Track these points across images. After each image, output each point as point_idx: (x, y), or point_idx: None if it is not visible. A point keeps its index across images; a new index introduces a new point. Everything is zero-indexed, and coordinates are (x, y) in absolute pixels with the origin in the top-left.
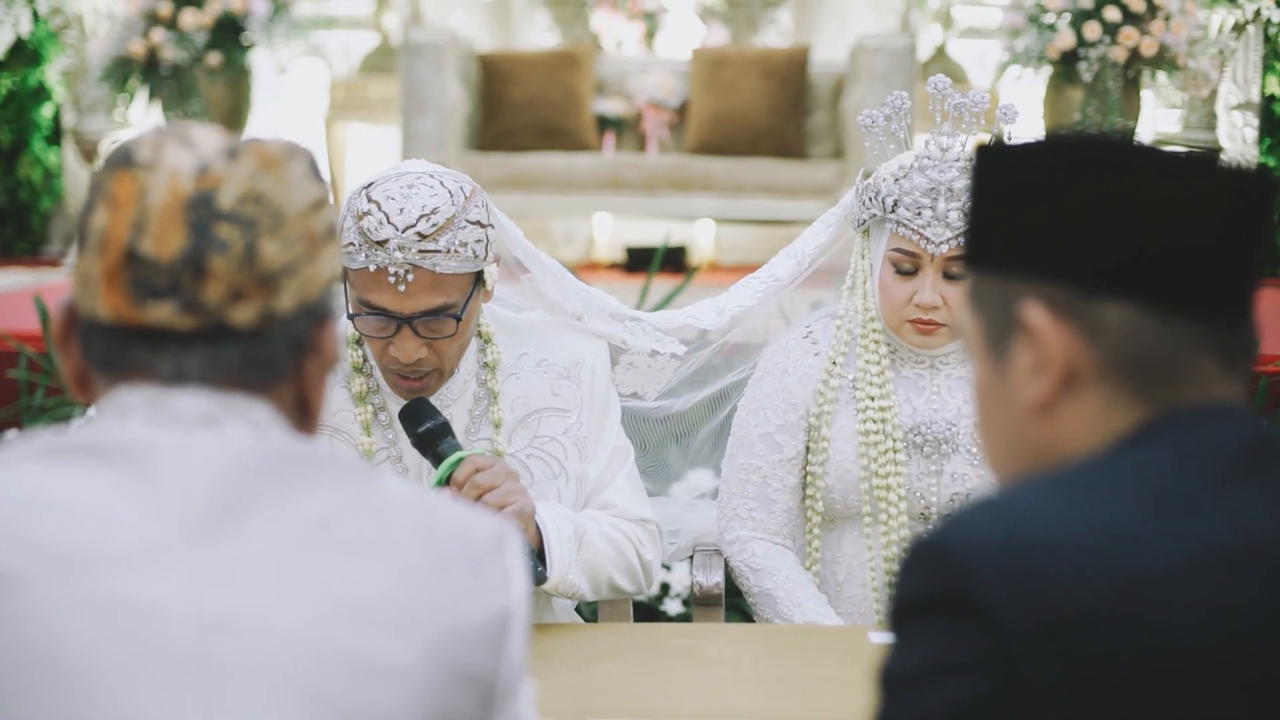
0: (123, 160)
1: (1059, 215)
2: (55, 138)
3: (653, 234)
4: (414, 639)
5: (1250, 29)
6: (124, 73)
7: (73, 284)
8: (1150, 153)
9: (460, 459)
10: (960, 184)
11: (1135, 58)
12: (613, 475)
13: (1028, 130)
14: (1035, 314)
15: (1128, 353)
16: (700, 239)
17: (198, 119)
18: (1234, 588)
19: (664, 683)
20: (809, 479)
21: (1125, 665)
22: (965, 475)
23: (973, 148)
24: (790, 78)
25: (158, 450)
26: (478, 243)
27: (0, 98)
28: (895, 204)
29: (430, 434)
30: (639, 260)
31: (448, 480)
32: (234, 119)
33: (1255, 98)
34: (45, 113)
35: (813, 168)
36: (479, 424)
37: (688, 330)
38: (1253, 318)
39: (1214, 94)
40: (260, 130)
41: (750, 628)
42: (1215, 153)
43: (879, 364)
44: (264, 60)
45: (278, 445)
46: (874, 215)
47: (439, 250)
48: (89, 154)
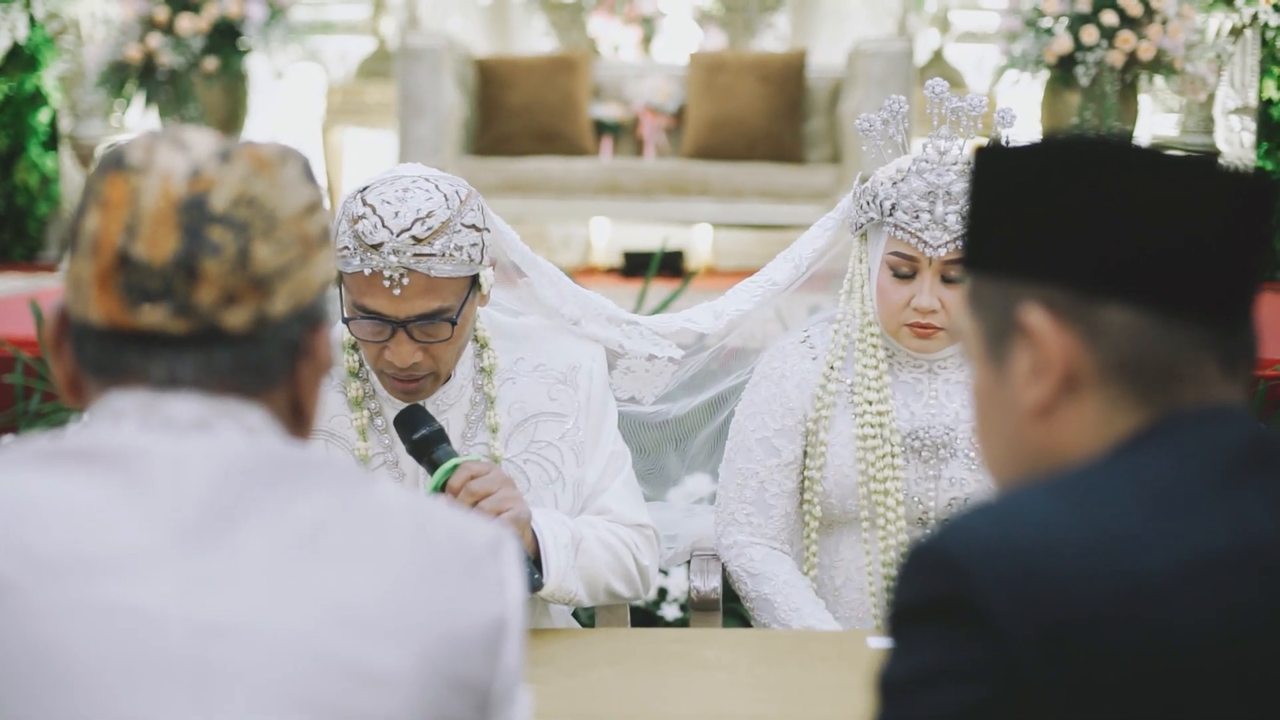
0: (115, 163)
1: (1059, 217)
2: (52, 143)
3: (650, 239)
4: (408, 645)
5: (1248, 33)
6: (121, 78)
7: (65, 288)
8: (1150, 154)
9: (455, 465)
10: (958, 187)
11: (1133, 62)
12: (610, 480)
13: (1025, 134)
14: (1035, 316)
15: (1128, 356)
16: (698, 243)
17: (194, 124)
18: (1234, 590)
19: (661, 688)
20: (807, 484)
21: (1126, 668)
22: (963, 480)
23: (971, 150)
24: (787, 82)
25: (151, 455)
26: (473, 246)
27: None
28: (893, 207)
29: (425, 441)
30: (636, 265)
31: (443, 487)
32: (231, 124)
33: (1253, 102)
34: (42, 118)
35: (810, 172)
36: (475, 429)
37: (685, 334)
38: (1254, 321)
39: (1211, 98)
40: (257, 135)
41: (747, 633)
42: (1215, 155)
43: (877, 368)
44: (261, 65)
45: (271, 450)
46: (871, 219)
47: (434, 254)
48: (86, 159)
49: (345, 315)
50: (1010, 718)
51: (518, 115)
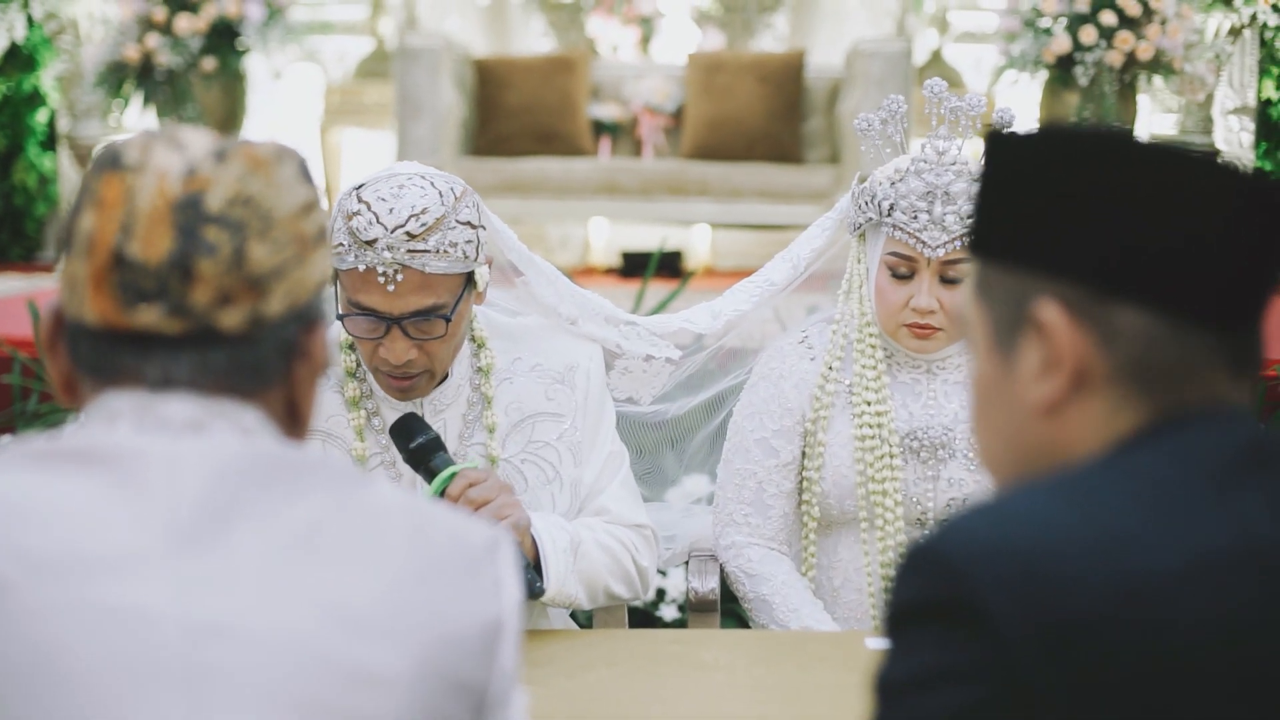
0: (110, 162)
1: (1081, 213)
2: (50, 143)
3: (649, 239)
4: (405, 646)
5: (1246, 33)
6: (119, 78)
7: (60, 287)
8: (1175, 154)
9: (454, 474)
10: (957, 188)
11: (1131, 62)
12: (607, 481)
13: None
14: (1051, 313)
15: (1139, 358)
16: (696, 244)
17: (193, 124)
18: (1234, 590)
19: (659, 689)
20: (805, 484)
21: (1125, 669)
22: (962, 480)
23: (984, 135)
24: (786, 82)
25: (146, 456)
26: (468, 243)
27: None
28: (891, 208)
29: (422, 449)
30: (635, 265)
31: (441, 495)
32: (229, 124)
33: (1251, 102)
34: (40, 118)
35: (809, 172)
36: (473, 429)
37: (683, 335)
38: (1262, 327)
39: (1210, 98)
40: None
41: (745, 634)
42: (1240, 164)
43: (875, 369)
44: (259, 65)
45: (267, 451)
46: (870, 219)
47: (428, 250)
48: (84, 159)
49: (340, 312)
50: (1009, 719)
51: (516, 115)
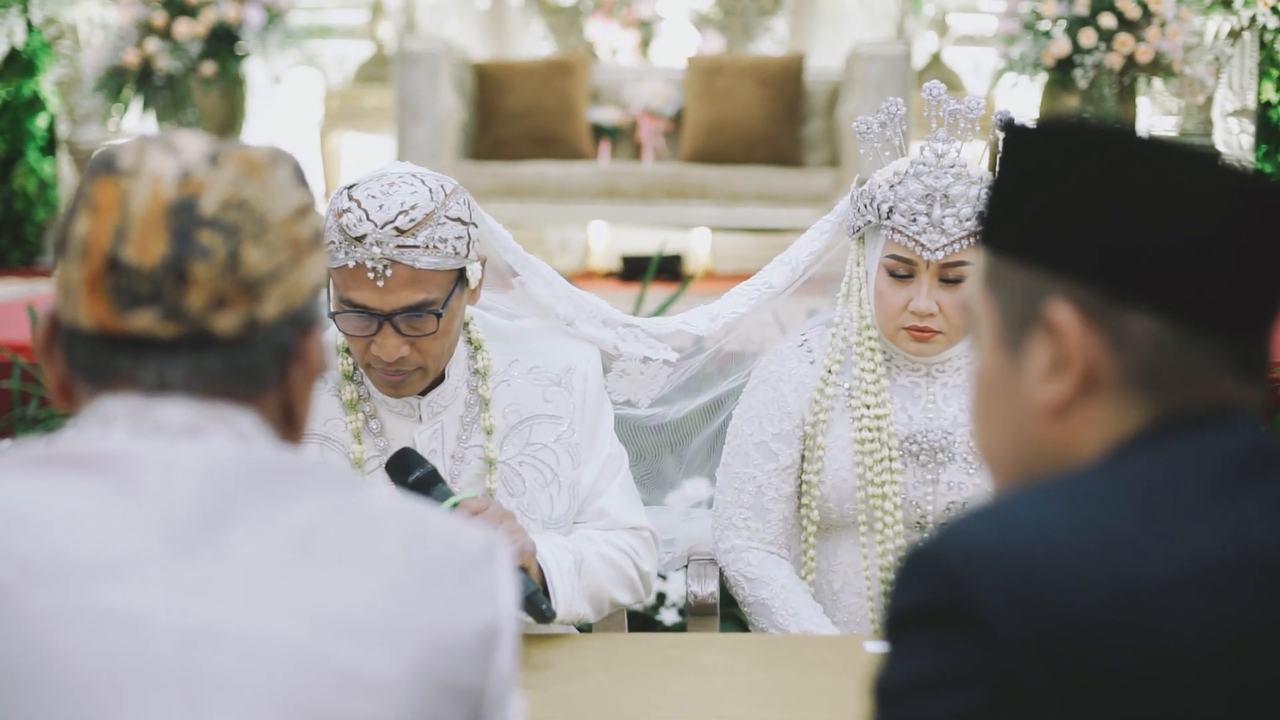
0: (105, 167)
1: (1099, 215)
2: (50, 148)
3: (648, 243)
4: (400, 650)
5: (1246, 35)
6: (118, 83)
7: (55, 292)
8: (1197, 159)
9: (454, 504)
10: (956, 190)
11: (1131, 64)
12: (606, 483)
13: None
14: (1064, 314)
15: (1149, 363)
16: (696, 247)
17: (192, 129)
18: (1233, 596)
19: (658, 693)
20: (804, 488)
21: (1123, 674)
22: (961, 484)
23: (1000, 129)
24: (785, 86)
25: (141, 460)
26: (458, 239)
27: None
28: (890, 210)
29: (420, 483)
30: (634, 269)
31: None
32: (228, 129)
33: (1251, 104)
34: (40, 123)
35: (808, 176)
36: (470, 431)
37: (681, 337)
38: (1271, 332)
39: (1210, 100)
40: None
41: (745, 637)
42: (1260, 171)
43: (874, 372)
44: (258, 70)
45: (263, 455)
46: (869, 222)
47: (417, 245)
48: (84, 164)
49: (331, 310)
50: None
51: (516, 119)
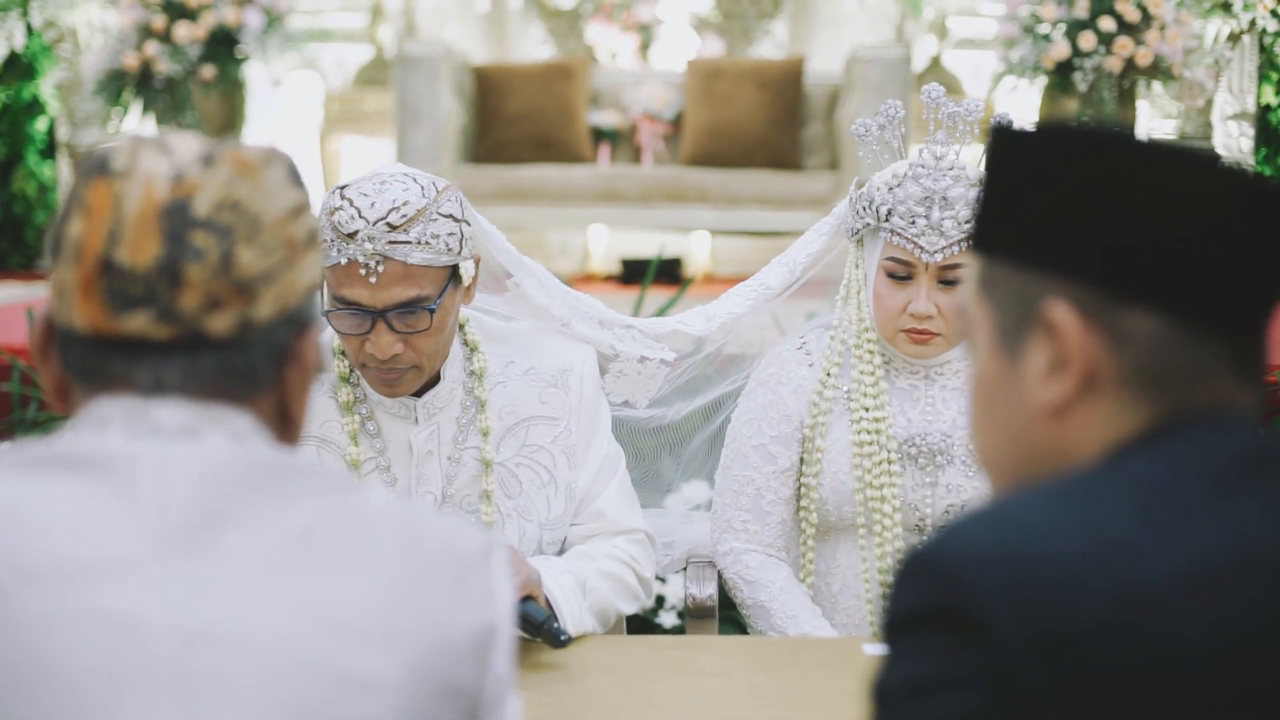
0: (98, 168)
1: (1095, 214)
2: (50, 151)
3: (648, 246)
4: (396, 652)
5: (1245, 39)
6: (118, 86)
7: (50, 294)
8: (1191, 158)
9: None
10: (954, 193)
11: (1130, 68)
12: (603, 484)
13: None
14: (1063, 314)
15: (1149, 362)
16: (696, 251)
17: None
18: (1233, 597)
19: (656, 695)
20: (803, 490)
21: (1123, 676)
22: (960, 487)
23: (988, 133)
24: (785, 89)
25: (138, 461)
26: (450, 235)
27: None
28: (889, 213)
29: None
30: (634, 272)
31: None
32: (228, 132)
33: (1251, 107)
34: (40, 126)
35: (808, 179)
36: (466, 432)
37: (678, 337)
38: (1267, 332)
39: (1209, 104)
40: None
41: (743, 640)
42: (1254, 170)
43: (873, 374)
44: (258, 73)
45: (259, 456)
46: (868, 224)
47: (409, 241)
48: None
49: (325, 308)
50: None
51: (515, 123)
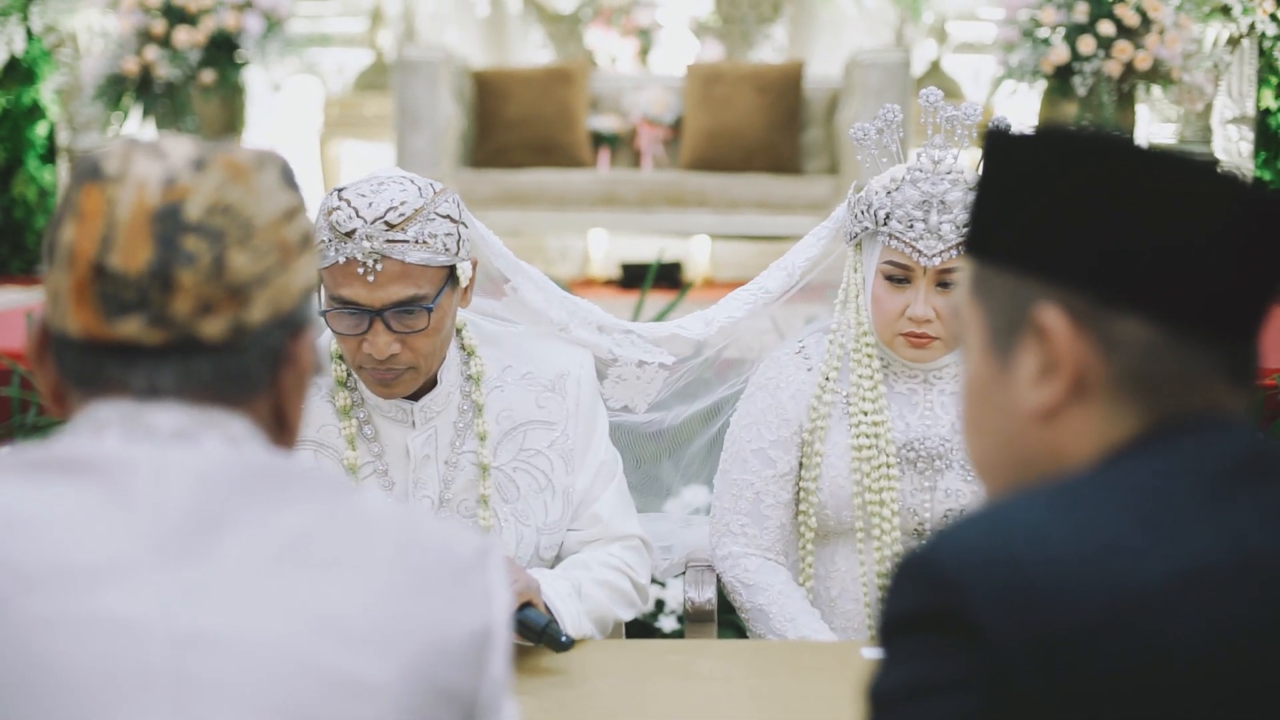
0: (90, 173)
1: (1086, 219)
2: (50, 156)
3: (648, 250)
4: (393, 655)
5: (1245, 43)
6: (118, 90)
7: (44, 300)
8: (1182, 163)
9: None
10: (952, 196)
11: (1130, 72)
12: (600, 489)
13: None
14: (1053, 319)
15: (1140, 368)
16: (696, 255)
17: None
18: (1229, 602)
19: (655, 699)
20: (802, 495)
21: (1118, 679)
22: (959, 491)
23: (982, 137)
24: (785, 93)
25: (134, 465)
26: (448, 235)
27: None
28: (887, 217)
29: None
30: (634, 277)
31: None
32: (228, 136)
33: (1250, 111)
34: (40, 131)
35: (808, 183)
36: (464, 436)
37: (681, 344)
38: (1260, 337)
39: (1209, 108)
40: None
41: (742, 644)
42: (1243, 174)
43: (872, 379)
44: (258, 78)
45: (255, 460)
46: (866, 228)
47: (407, 240)
48: None
49: (322, 308)
50: None
51: (515, 127)
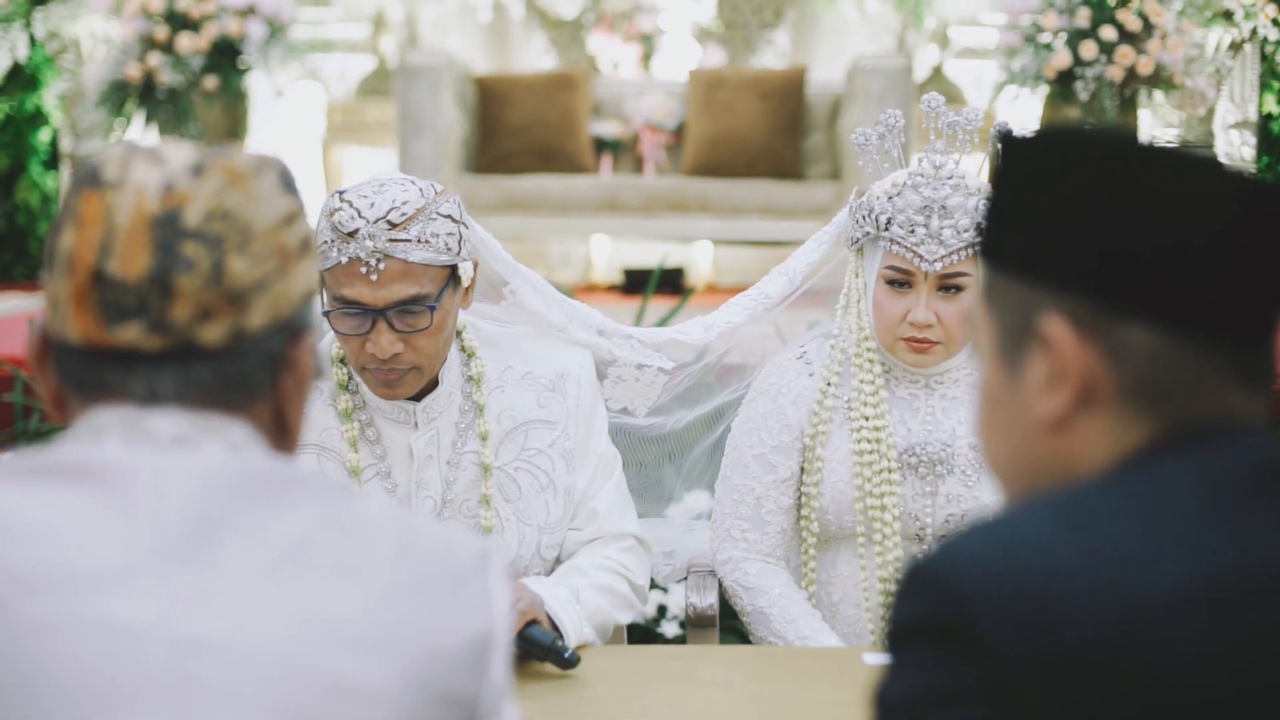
0: (89, 179)
1: (1090, 227)
2: (53, 162)
3: (650, 256)
4: (393, 659)
5: (1247, 48)
6: (121, 97)
7: (44, 306)
8: (1184, 163)
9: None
10: (954, 201)
11: (1132, 77)
12: (599, 486)
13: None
14: (1057, 327)
15: (1148, 376)
16: (698, 260)
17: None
18: (1239, 615)
19: (656, 705)
20: (804, 500)
21: (1123, 692)
22: (960, 496)
23: (998, 140)
24: (787, 99)
25: (134, 471)
26: (449, 235)
27: None
28: (888, 222)
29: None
30: (636, 282)
31: None
32: (231, 142)
33: (1252, 116)
34: (43, 137)
35: (810, 189)
36: (465, 437)
37: (676, 347)
38: (1273, 338)
39: (1211, 113)
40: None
41: (743, 649)
42: (1248, 172)
43: (873, 384)
44: (260, 84)
45: (255, 465)
46: (867, 233)
47: (409, 239)
48: None
49: (325, 308)
50: None
51: (517, 133)
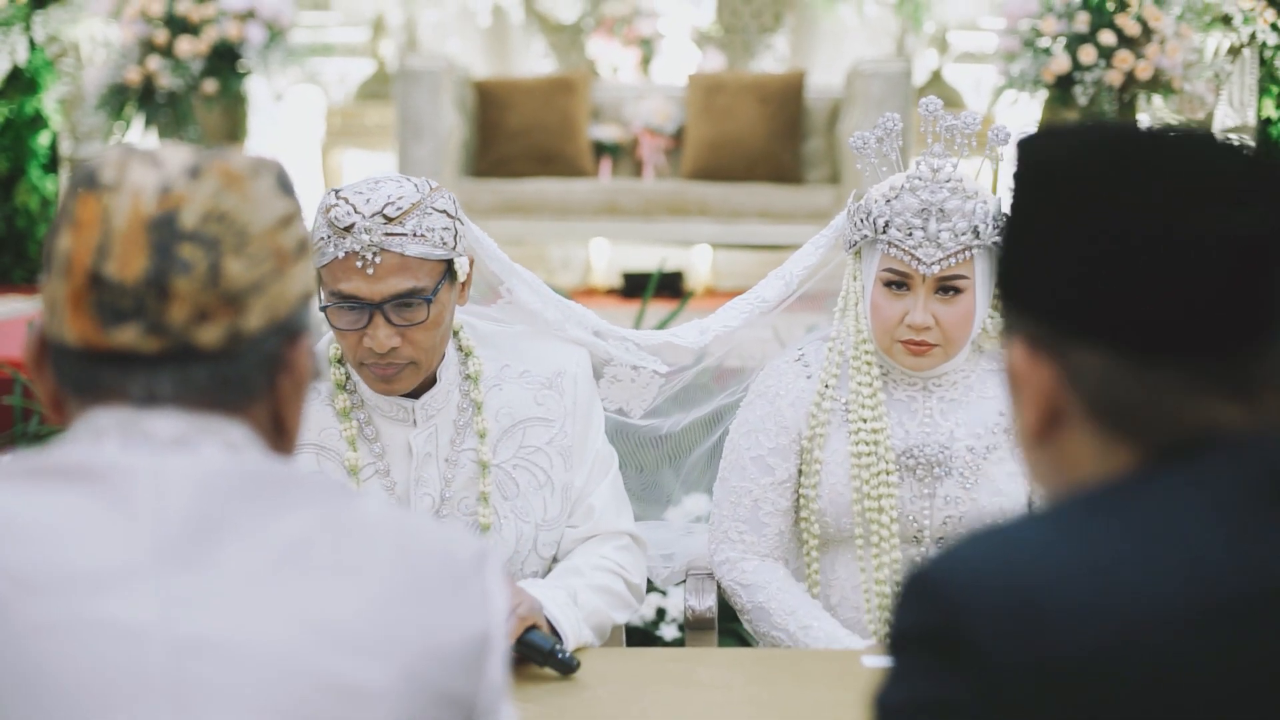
0: (86, 182)
1: (1041, 252)
2: (52, 165)
3: (649, 259)
4: (392, 660)
5: (1246, 52)
6: (120, 100)
7: (42, 308)
8: (1139, 186)
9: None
10: (951, 205)
11: (1131, 81)
12: (595, 483)
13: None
14: (1016, 353)
15: (1107, 397)
16: (697, 264)
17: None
18: (1237, 629)
19: (655, 707)
20: (802, 502)
21: (1120, 707)
22: (958, 498)
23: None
24: (786, 103)
25: (132, 472)
26: (444, 229)
27: None
28: (886, 225)
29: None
30: (636, 286)
31: None
32: (230, 146)
33: (1251, 121)
34: (42, 140)
35: (809, 193)
36: (464, 434)
37: (679, 353)
38: (1273, 346)
39: (1210, 117)
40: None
41: (742, 652)
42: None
43: (871, 386)
44: (260, 87)
45: (254, 466)
46: (865, 236)
47: (405, 233)
48: None
49: (322, 304)
50: None
51: (517, 137)
